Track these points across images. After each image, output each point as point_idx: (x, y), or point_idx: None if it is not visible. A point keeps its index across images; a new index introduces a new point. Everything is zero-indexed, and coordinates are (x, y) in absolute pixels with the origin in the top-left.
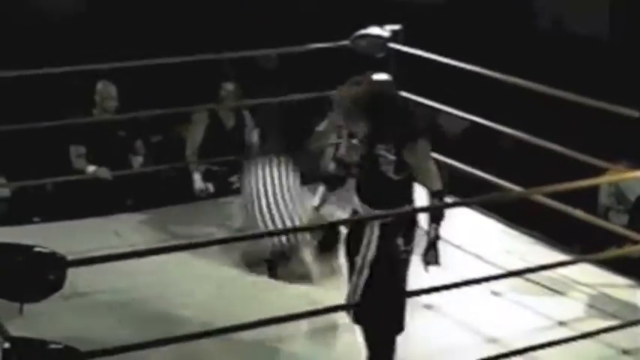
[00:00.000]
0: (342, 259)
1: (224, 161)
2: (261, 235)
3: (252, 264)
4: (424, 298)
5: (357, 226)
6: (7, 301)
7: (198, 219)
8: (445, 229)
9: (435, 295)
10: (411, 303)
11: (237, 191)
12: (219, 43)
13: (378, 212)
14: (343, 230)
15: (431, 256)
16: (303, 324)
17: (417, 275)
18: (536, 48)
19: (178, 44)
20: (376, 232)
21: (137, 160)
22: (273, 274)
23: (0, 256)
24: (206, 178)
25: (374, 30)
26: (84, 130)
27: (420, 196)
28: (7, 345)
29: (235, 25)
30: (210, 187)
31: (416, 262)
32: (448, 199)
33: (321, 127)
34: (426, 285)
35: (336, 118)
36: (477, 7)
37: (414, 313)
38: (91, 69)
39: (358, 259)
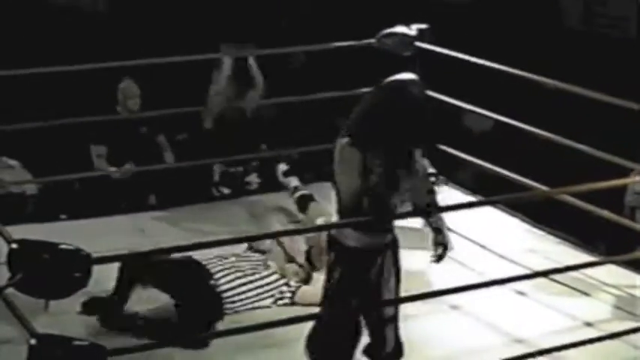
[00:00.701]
0: None
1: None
2: (299, 232)
3: None
4: (449, 298)
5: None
6: (32, 298)
7: (223, 216)
8: (470, 228)
9: (460, 295)
10: (436, 303)
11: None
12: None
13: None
14: None
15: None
16: None
17: (442, 275)
18: (564, 46)
19: (200, 41)
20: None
21: (169, 156)
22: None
23: (26, 253)
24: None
25: (400, 29)
26: (106, 129)
27: None
28: (33, 341)
29: (262, 23)
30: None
31: (443, 263)
32: (473, 198)
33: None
34: (451, 285)
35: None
36: (504, 5)
37: (440, 313)
38: (114, 66)
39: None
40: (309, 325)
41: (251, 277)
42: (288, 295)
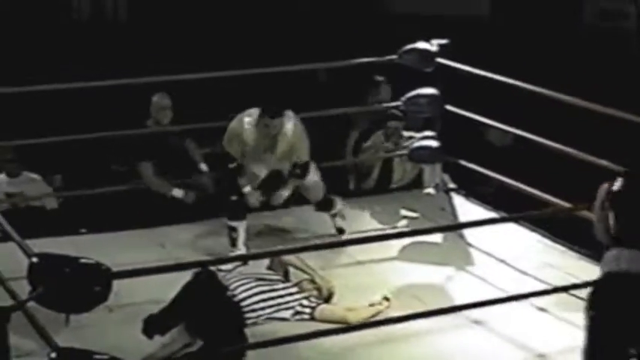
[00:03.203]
0: None
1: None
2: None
3: None
4: (470, 313)
5: None
6: (53, 312)
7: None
8: (490, 243)
9: (481, 310)
10: (457, 318)
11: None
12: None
13: None
14: None
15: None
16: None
17: (463, 290)
18: (582, 61)
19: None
20: None
21: (203, 168)
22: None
23: (47, 267)
24: None
25: (421, 44)
26: (150, 144)
27: None
28: (53, 355)
29: (285, 40)
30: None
31: (463, 278)
32: (493, 214)
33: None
34: (472, 300)
35: None
36: (524, 19)
37: (462, 328)
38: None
39: None
40: (329, 341)
41: (270, 286)
42: (308, 310)
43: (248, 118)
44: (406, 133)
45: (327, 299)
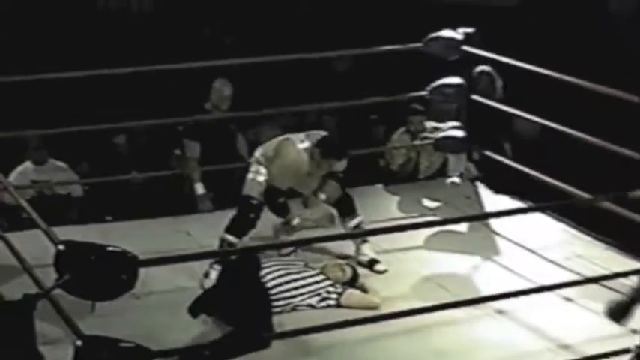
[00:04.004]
0: None
1: None
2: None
3: None
4: (496, 304)
5: None
6: (79, 300)
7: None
8: (516, 233)
9: (507, 301)
10: (483, 308)
11: None
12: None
13: None
14: None
15: None
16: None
17: (489, 280)
18: (611, 50)
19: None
20: None
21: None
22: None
23: (73, 254)
24: None
25: (447, 33)
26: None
27: None
28: (79, 343)
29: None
30: None
31: (489, 267)
32: (520, 204)
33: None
34: (498, 290)
35: None
36: (552, 7)
37: (487, 318)
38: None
39: None
40: (352, 329)
41: (296, 274)
42: (335, 296)
43: (301, 146)
44: (430, 124)
45: (352, 281)
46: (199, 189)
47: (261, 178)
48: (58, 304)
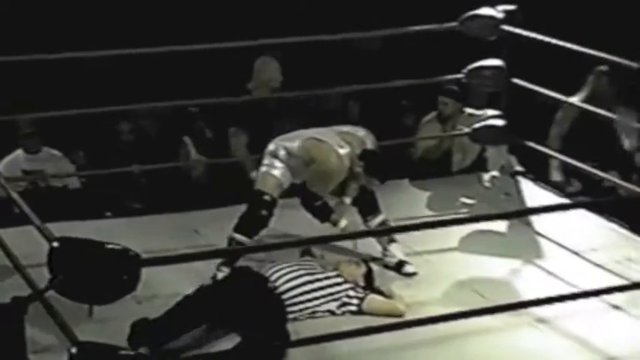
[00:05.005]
0: None
1: None
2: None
3: None
4: (537, 311)
5: None
6: (75, 303)
7: (285, 217)
8: (560, 233)
9: (548, 308)
10: (521, 315)
11: None
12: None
13: None
14: None
15: None
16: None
17: (528, 284)
18: None
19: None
20: None
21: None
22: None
23: (69, 253)
24: None
25: (485, 11)
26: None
27: None
28: (74, 350)
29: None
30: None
31: (530, 271)
32: (564, 200)
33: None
34: (538, 296)
35: None
36: None
37: (526, 327)
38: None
39: None
40: (376, 337)
41: (312, 276)
42: (356, 301)
43: (342, 151)
44: (467, 111)
45: (367, 276)
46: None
47: (276, 172)
48: (51, 307)
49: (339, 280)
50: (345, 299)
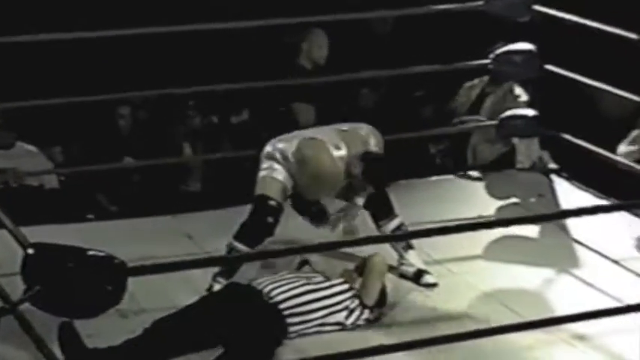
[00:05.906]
0: None
1: None
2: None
3: None
4: (573, 327)
5: None
6: (53, 317)
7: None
8: (599, 239)
9: (586, 324)
10: (556, 332)
11: None
12: None
13: None
14: None
15: None
16: None
17: (564, 297)
18: None
19: None
20: None
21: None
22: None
23: (46, 260)
24: None
25: None
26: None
27: None
28: None
29: None
30: None
31: (566, 282)
32: (604, 201)
33: None
34: (575, 310)
35: None
36: None
37: (561, 344)
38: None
39: None
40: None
41: (314, 285)
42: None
43: (337, 153)
44: (516, 91)
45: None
46: None
47: (279, 176)
48: (26, 321)
49: (344, 287)
50: (352, 306)
